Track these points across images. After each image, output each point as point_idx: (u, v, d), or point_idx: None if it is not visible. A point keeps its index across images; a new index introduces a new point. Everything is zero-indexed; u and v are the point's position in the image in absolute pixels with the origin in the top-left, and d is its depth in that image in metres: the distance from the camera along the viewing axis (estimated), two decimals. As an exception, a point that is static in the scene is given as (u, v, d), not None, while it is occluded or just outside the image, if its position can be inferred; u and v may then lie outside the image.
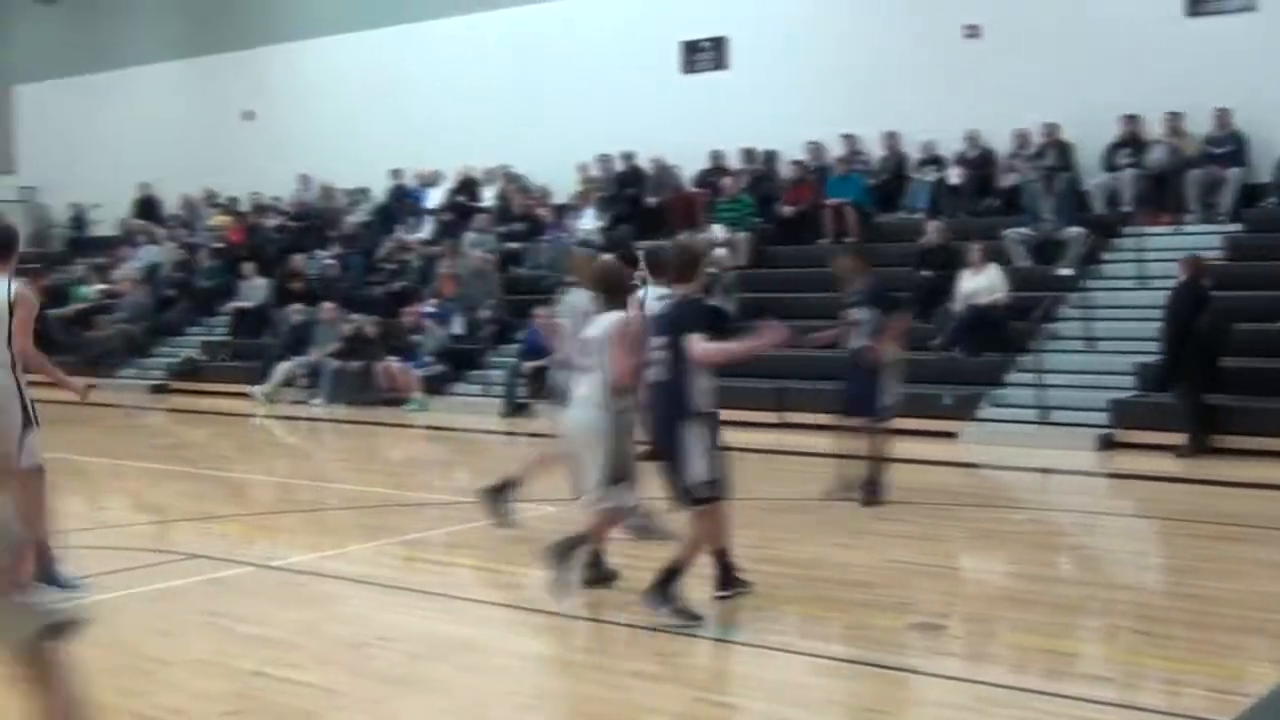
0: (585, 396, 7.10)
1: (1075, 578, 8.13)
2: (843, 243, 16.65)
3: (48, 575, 6.77)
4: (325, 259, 21.40)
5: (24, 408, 7.11)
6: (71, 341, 22.35)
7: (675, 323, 6.45)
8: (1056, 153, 16.38)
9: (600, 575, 7.13)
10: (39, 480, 7.01)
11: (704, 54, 19.74)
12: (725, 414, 6.98)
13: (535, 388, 16.22)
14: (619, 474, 7.01)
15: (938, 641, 6.44)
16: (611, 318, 7.08)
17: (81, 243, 27.03)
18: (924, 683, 5.74)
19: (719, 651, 6.32)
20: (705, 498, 6.44)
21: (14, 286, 7.31)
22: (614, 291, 7.26)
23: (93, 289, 23.62)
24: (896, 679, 5.80)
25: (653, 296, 7.55)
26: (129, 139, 26.72)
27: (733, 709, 5.45)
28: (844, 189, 17.61)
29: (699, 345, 6.32)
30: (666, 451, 6.44)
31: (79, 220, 27.71)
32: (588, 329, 7.22)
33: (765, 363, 15.74)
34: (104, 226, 26.93)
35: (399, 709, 5.39)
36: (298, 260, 21.15)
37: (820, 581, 7.63)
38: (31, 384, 7.19)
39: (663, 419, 6.47)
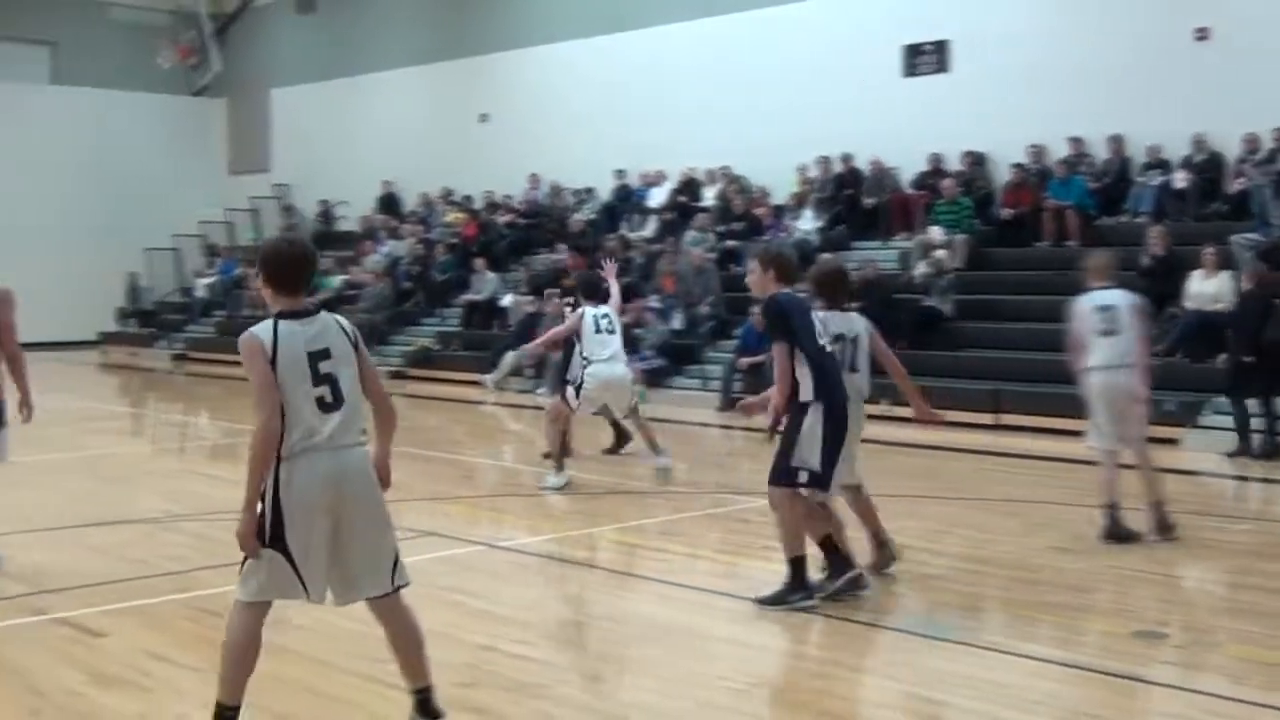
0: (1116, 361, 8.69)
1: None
2: (1063, 245, 16.53)
3: None
4: (552, 256, 22.18)
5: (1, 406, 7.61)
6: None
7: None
8: (1287, 157, 15.90)
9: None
10: None
11: (926, 57, 19.71)
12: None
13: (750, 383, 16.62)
14: None
15: (1155, 649, 6.41)
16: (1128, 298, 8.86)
17: (328, 237, 28.64)
18: (1139, 689, 5.72)
19: (930, 648, 6.40)
20: None
21: None
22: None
23: (337, 280, 25.02)
24: (1112, 684, 5.77)
25: None
26: (373, 140, 28.17)
27: (943, 706, 5.53)
28: (1065, 192, 17.40)
29: None
30: None
31: (326, 215, 29.36)
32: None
33: (980, 364, 15.88)
34: (349, 222, 28.52)
35: (618, 687, 5.73)
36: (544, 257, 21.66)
37: (1036, 584, 7.68)
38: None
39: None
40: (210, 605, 6.99)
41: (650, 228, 22.01)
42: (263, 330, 4.68)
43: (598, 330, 11.01)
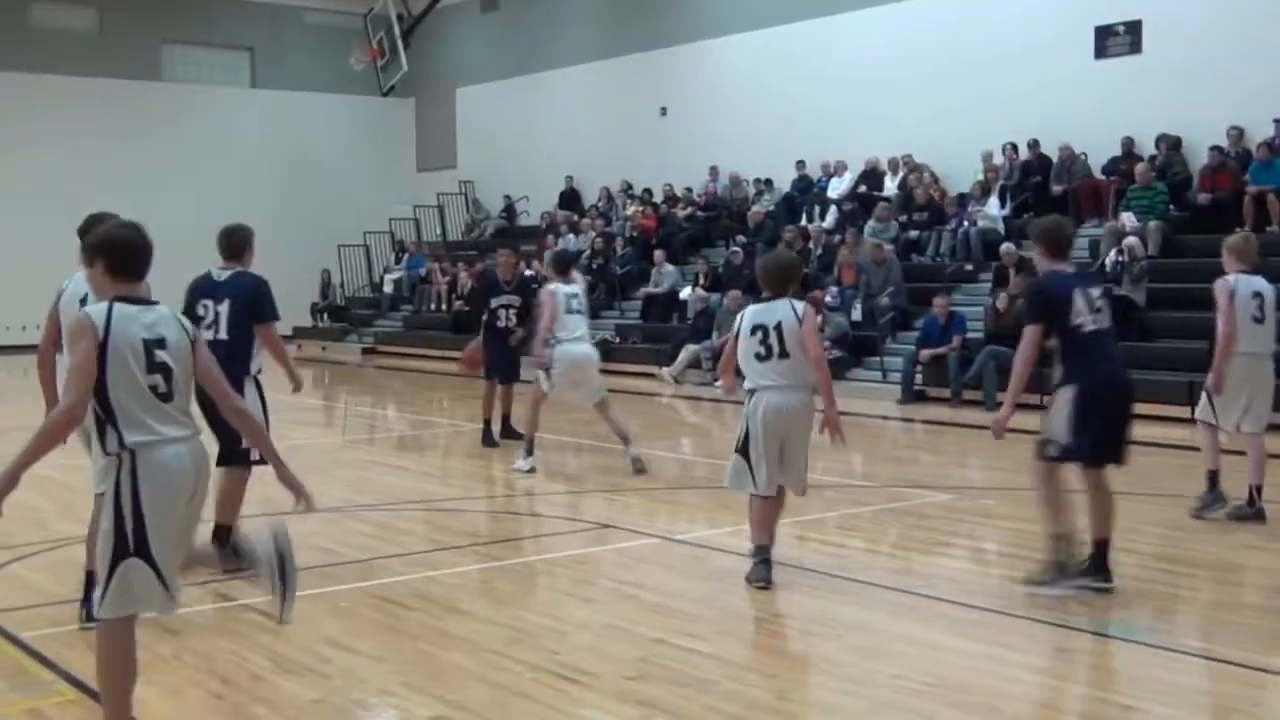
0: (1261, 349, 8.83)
1: None
2: (1264, 232, 15.75)
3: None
4: (730, 248, 22.13)
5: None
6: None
7: None
8: None
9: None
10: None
11: (1118, 38, 19.01)
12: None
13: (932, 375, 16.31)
14: None
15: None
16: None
17: (511, 232, 29.12)
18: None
19: (1122, 651, 6.18)
20: None
21: None
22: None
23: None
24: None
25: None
26: (555, 135, 28.52)
27: (1132, 711, 5.26)
28: (1267, 176, 16.59)
29: None
30: None
31: (509, 211, 29.84)
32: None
33: (1174, 355, 15.26)
34: (531, 217, 28.94)
35: (791, 684, 5.62)
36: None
37: (1234, 585, 7.39)
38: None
39: None
40: (391, 594, 7.14)
41: (830, 218, 21.76)
42: (96, 311, 4.52)
43: (568, 310, 11.05)
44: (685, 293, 21.90)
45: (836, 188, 22.32)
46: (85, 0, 29.70)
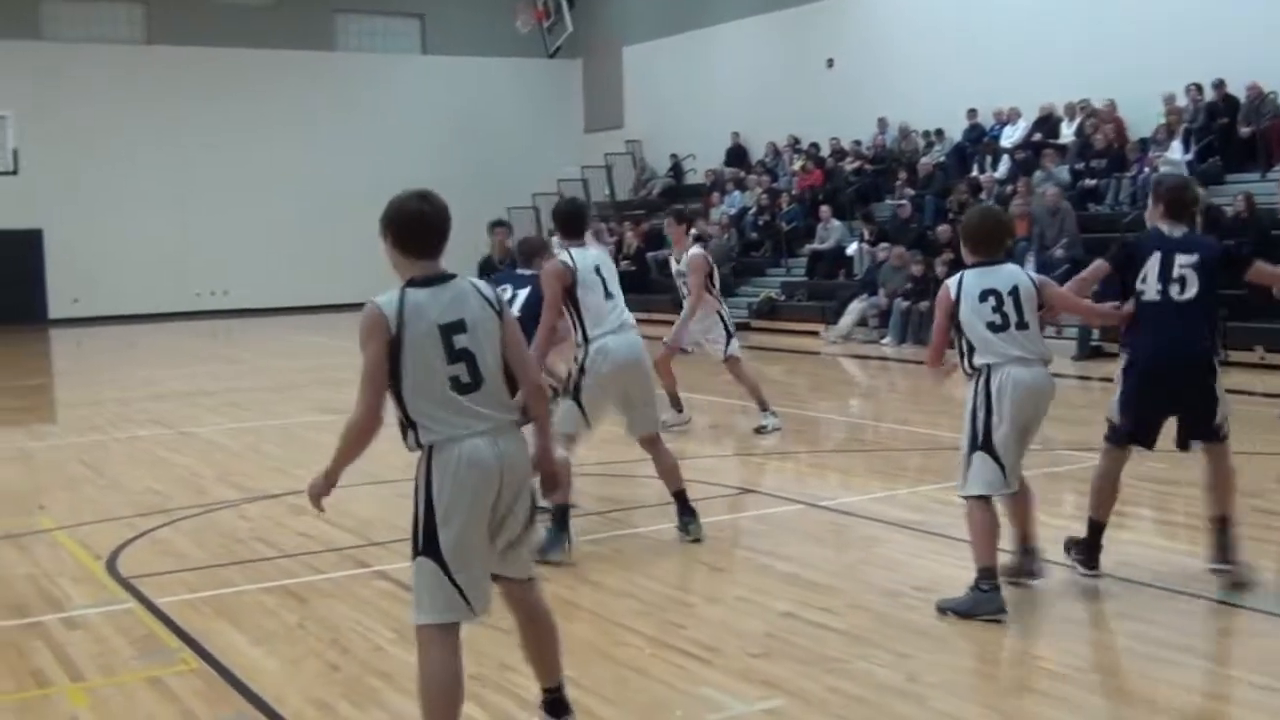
0: None
1: None
2: None
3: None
4: (898, 202, 21.55)
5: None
6: (664, 282, 24.07)
7: None
8: None
9: None
10: None
11: (1313, -37, 17.84)
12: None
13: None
14: None
15: None
16: None
17: (678, 191, 28.91)
18: None
19: (1273, 628, 5.73)
20: None
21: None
22: None
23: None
24: None
25: None
26: (721, 91, 28.15)
27: (1272, 692, 4.87)
28: None
29: None
30: None
31: (676, 169, 29.62)
32: None
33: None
34: (697, 175, 28.67)
35: (922, 665, 5.29)
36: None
37: None
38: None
39: None
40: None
41: (1003, 168, 20.98)
42: (386, 302, 4.09)
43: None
44: (851, 248, 21.41)
45: (1010, 136, 21.52)
46: (261, -26, 30.45)
